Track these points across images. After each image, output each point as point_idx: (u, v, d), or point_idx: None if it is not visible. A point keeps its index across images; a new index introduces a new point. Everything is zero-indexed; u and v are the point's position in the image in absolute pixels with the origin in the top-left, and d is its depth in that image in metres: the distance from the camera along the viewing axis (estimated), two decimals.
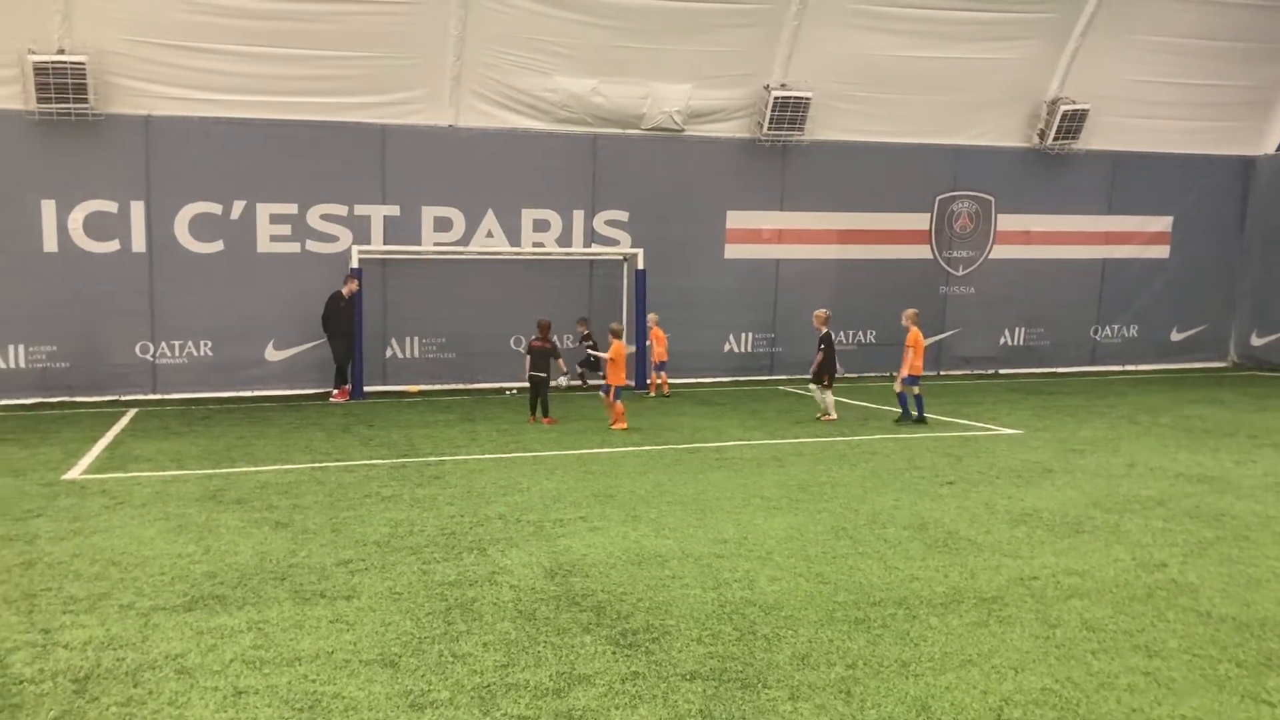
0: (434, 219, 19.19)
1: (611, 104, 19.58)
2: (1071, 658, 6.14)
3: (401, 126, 18.72)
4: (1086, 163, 22.69)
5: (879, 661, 6.03)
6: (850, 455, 12.79)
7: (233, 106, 17.76)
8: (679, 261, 20.22)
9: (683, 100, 19.93)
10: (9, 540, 8.58)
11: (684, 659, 6.02)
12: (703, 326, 20.81)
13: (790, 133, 20.33)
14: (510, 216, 19.57)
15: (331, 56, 17.86)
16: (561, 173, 19.75)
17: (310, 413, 16.59)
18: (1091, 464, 12.35)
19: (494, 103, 19.09)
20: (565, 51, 18.85)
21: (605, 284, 20.33)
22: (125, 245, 17.67)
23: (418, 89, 18.59)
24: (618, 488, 10.76)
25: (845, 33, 19.84)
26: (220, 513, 9.61)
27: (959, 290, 22.69)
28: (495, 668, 5.87)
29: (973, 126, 21.92)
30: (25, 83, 16.53)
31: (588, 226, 20.12)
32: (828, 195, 21.33)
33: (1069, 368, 23.54)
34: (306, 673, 5.78)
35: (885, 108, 20.98)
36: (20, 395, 17.36)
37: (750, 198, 20.97)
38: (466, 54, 18.37)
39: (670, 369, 19.60)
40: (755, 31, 19.51)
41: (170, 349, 18.12)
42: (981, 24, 20.48)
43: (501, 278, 19.55)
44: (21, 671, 5.77)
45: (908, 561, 8.07)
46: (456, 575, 7.63)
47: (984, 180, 22.41)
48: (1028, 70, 21.43)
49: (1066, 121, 21.72)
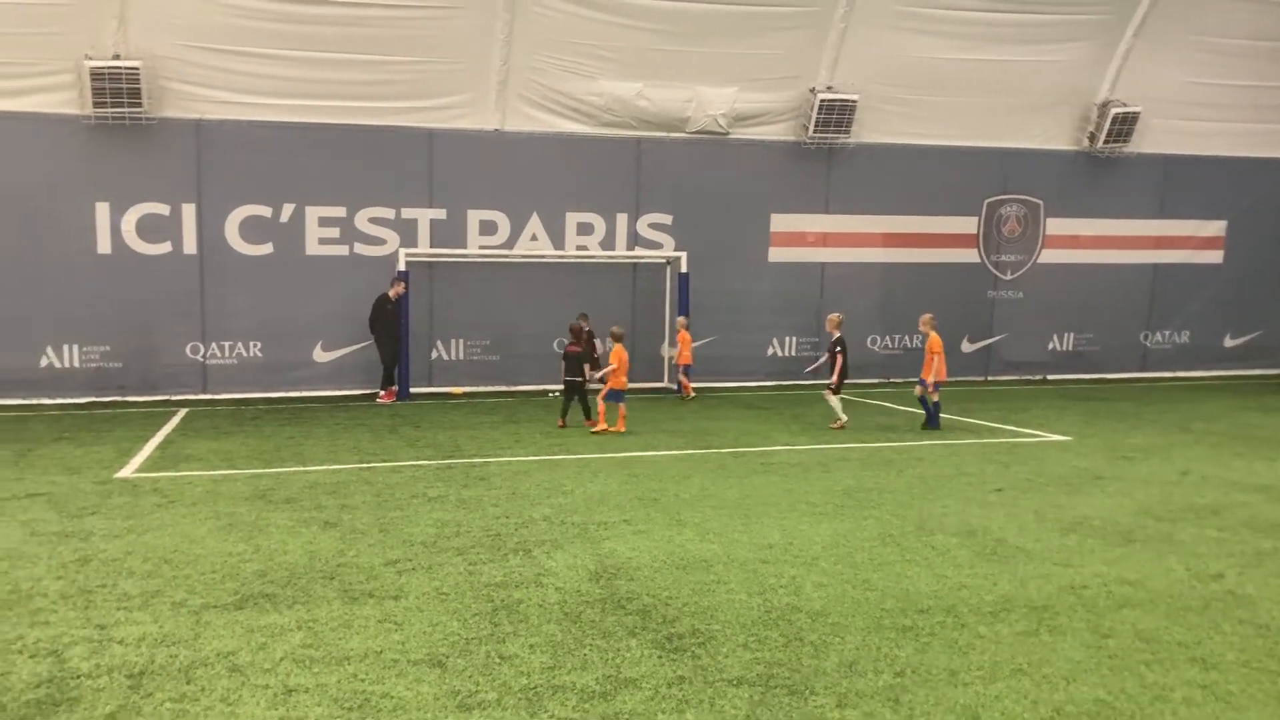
0: (479, 222, 19.32)
1: (656, 107, 19.60)
2: (1125, 669, 6.04)
3: (448, 130, 18.86)
4: (1138, 166, 22.39)
5: (927, 670, 5.97)
6: (897, 461, 12.69)
7: (282, 110, 17.99)
8: (722, 265, 20.20)
9: (728, 103, 19.90)
10: (65, 537, 8.74)
11: (730, 664, 6.00)
12: (746, 330, 20.78)
13: (836, 135, 20.25)
14: (554, 220, 19.65)
15: (380, 61, 18.04)
16: (605, 176, 19.81)
17: (357, 413, 16.75)
18: (1143, 471, 12.16)
19: (539, 106, 19.17)
20: (610, 55, 18.90)
21: (648, 287, 20.35)
22: (177, 247, 17.95)
23: (464, 93, 18.72)
24: (662, 491, 10.76)
25: (893, 35, 19.72)
26: (270, 512, 9.71)
27: (1007, 295, 22.47)
28: (542, 669, 5.89)
29: (1022, 129, 21.70)
30: (82, 88, 16.86)
31: (631, 230, 20.16)
32: (874, 198, 21.21)
33: (1119, 374, 23.23)
34: (355, 672, 5.82)
35: (933, 110, 20.82)
36: (74, 394, 17.69)
37: (795, 201, 20.89)
38: (512, 58, 18.47)
39: (714, 373, 19.60)
40: (802, 34, 19.45)
41: (220, 350, 18.38)
42: (1031, 26, 20.28)
43: (545, 281, 19.63)
44: (79, 666, 5.87)
45: (956, 569, 7.98)
46: (502, 576, 7.65)
47: (1033, 184, 22.17)
48: (1078, 72, 21.18)
49: (1117, 124, 21.45)
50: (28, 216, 17.15)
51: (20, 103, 16.92)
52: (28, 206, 17.12)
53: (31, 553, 8.23)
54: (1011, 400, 19.06)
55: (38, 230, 17.21)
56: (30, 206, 17.13)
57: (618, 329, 15.64)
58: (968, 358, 22.42)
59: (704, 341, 20.27)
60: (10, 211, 17.07)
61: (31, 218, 17.16)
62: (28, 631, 6.42)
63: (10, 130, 16.95)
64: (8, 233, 17.11)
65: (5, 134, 16.94)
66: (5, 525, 9.16)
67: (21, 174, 17.06)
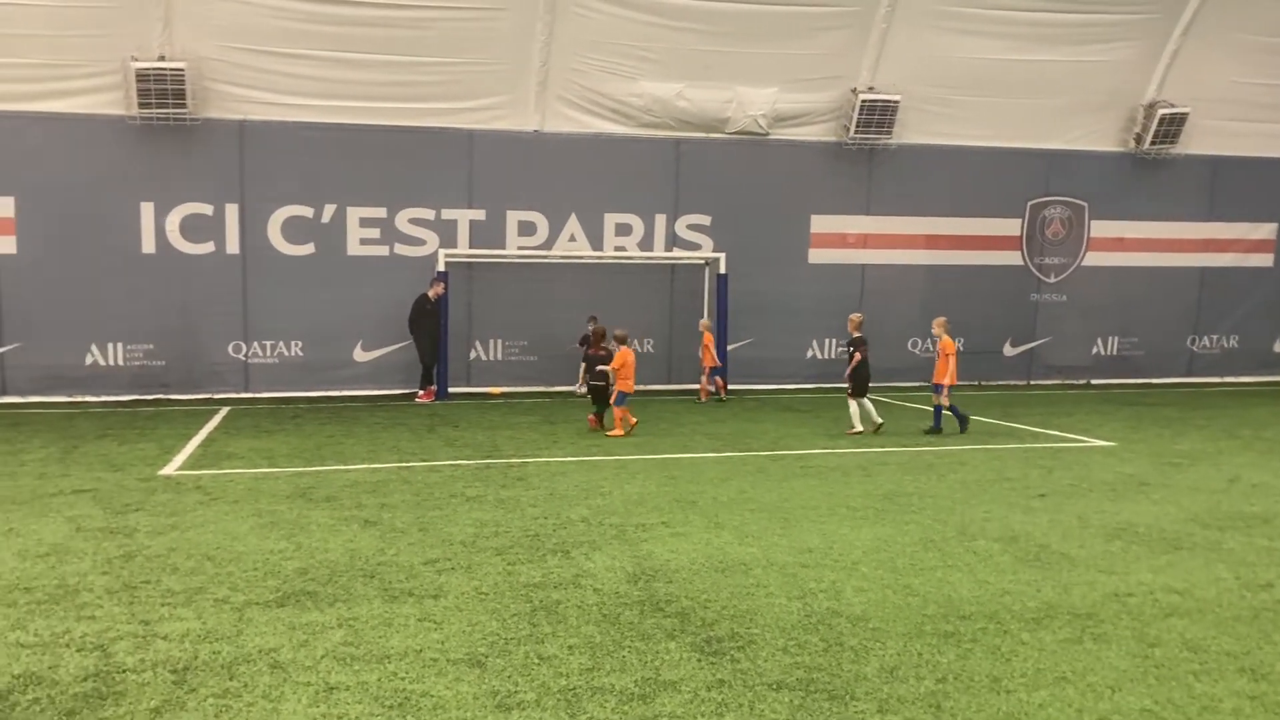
0: (518, 223, 19.38)
1: (696, 108, 19.56)
2: (1172, 678, 5.93)
3: (488, 131, 18.93)
4: (1185, 168, 22.06)
5: (969, 676, 5.90)
6: (938, 465, 12.57)
7: (324, 112, 18.14)
8: (762, 266, 20.12)
9: (768, 104, 19.83)
10: (110, 533, 8.85)
11: (770, 668, 5.95)
12: (785, 332, 20.69)
13: (878, 136, 20.11)
14: (593, 220, 19.67)
15: (421, 63, 18.14)
16: (644, 177, 19.79)
17: (396, 413, 16.85)
18: (1190, 478, 11.96)
19: (579, 107, 19.20)
20: (650, 56, 18.89)
21: (686, 288, 20.31)
22: (220, 247, 18.15)
23: (504, 95, 18.79)
24: (700, 494, 10.72)
25: (935, 35, 19.56)
26: (310, 510, 9.78)
27: (1050, 298, 22.21)
28: (580, 671, 5.87)
29: (1066, 130, 21.45)
30: (128, 89, 17.08)
31: (669, 230, 20.13)
32: (915, 200, 21.06)
33: (1164, 378, 22.90)
34: (396, 670, 5.84)
35: (976, 111, 20.63)
36: (118, 392, 17.94)
37: (835, 202, 20.78)
38: (552, 59, 18.51)
39: (753, 375, 19.54)
40: (843, 34, 19.34)
41: (262, 349, 18.56)
42: (1077, 26, 20.04)
43: (583, 281, 19.64)
44: (124, 660, 5.93)
45: (998, 575, 7.89)
46: (541, 577, 7.65)
47: (1077, 185, 21.91)
48: (1124, 73, 20.89)
49: (1165, 125, 21.15)
50: (74, 216, 17.41)
51: (68, 104, 17.19)
52: (74, 206, 17.39)
53: (78, 548, 8.34)
54: (1055, 405, 18.85)
55: (84, 230, 17.47)
56: (77, 206, 17.40)
57: (621, 331, 15.51)
58: (1010, 361, 22.20)
59: (742, 344, 20.23)
60: (57, 211, 17.34)
61: (78, 217, 17.43)
62: (75, 626, 6.50)
63: (58, 131, 17.22)
64: (55, 232, 17.38)
65: (53, 134, 17.21)
66: (52, 521, 9.29)
67: (68, 174, 17.33)
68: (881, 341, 19.92)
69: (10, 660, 5.92)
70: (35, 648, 6.12)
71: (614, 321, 17.91)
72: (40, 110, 17.10)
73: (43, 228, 17.36)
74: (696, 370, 20.31)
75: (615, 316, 18.79)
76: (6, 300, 17.46)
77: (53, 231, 17.39)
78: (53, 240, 17.40)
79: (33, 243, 17.36)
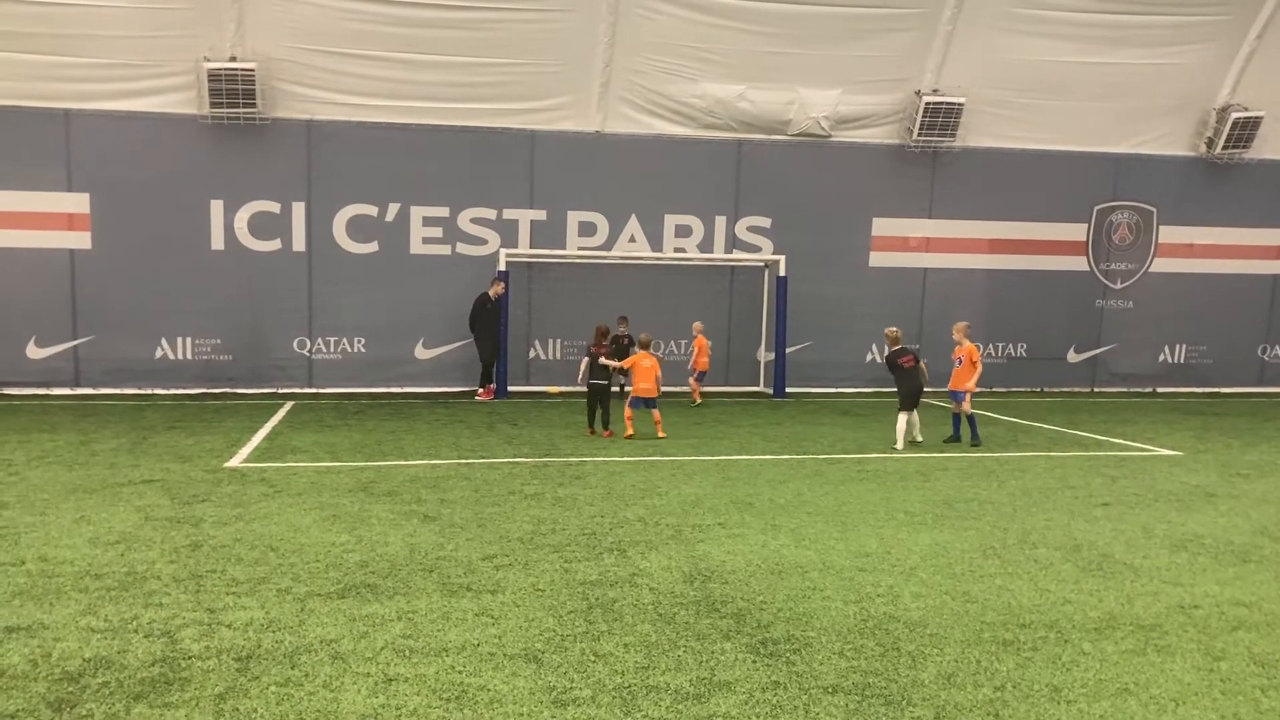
0: (579, 223, 19.47)
1: (758, 109, 19.51)
2: (1238, 693, 5.81)
3: (550, 132, 19.05)
4: (1259, 173, 21.56)
5: (1029, 685, 5.82)
6: (999, 472, 12.42)
7: (389, 112, 18.38)
8: (822, 269, 20.01)
9: (831, 106, 19.71)
10: (178, 523, 9.05)
11: (826, 672, 5.93)
12: (845, 335, 20.56)
13: (941, 139, 19.91)
14: (653, 221, 19.70)
15: (485, 64, 18.31)
16: (705, 178, 19.78)
17: (456, 410, 17.01)
18: (1259, 489, 11.69)
19: (641, 109, 19.24)
20: (713, 57, 18.88)
21: (745, 290, 20.28)
22: (286, 245, 18.46)
23: (567, 95, 18.89)
24: (756, 496, 10.70)
25: (1001, 37, 19.32)
26: (372, 504, 9.92)
27: (1116, 304, 21.83)
28: (636, 669, 5.90)
29: (1135, 134, 21.07)
30: (200, 88, 17.45)
31: (729, 232, 20.10)
32: (979, 204, 20.81)
33: (1233, 388, 22.41)
34: (454, 663, 5.91)
35: (1042, 114, 20.35)
36: (187, 385, 18.34)
37: (898, 205, 20.61)
38: (615, 60, 18.57)
39: (811, 378, 19.43)
40: (908, 36, 19.17)
41: (326, 345, 18.85)
42: (1147, 28, 19.68)
43: (642, 282, 19.68)
44: (190, 647, 6.07)
45: (1059, 584, 7.78)
46: (597, 575, 7.69)
47: (1146, 190, 21.51)
48: (1196, 76, 20.47)
49: (1237, 129, 20.70)
50: (146, 213, 17.84)
51: (142, 103, 17.61)
52: (147, 203, 17.81)
53: (146, 537, 8.55)
54: (1119, 413, 18.51)
55: (155, 226, 17.89)
56: (149, 203, 17.82)
57: (646, 336, 15.28)
58: (1074, 368, 21.85)
59: (800, 346, 20.14)
60: (131, 208, 17.78)
61: (150, 214, 17.85)
62: (142, 612, 6.67)
63: (132, 130, 17.65)
64: (128, 228, 17.82)
65: (128, 133, 17.65)
66: (123, 510, 9.53)
67: (142, 171, 17.76)
68: (941, 346, 19.68)
69: (81, 644, 6.08)
70: (105, 633, 6.29)
71: (668, 322, 17.98)
72: (115, 109, 17.55)
73: (116, 224, 17.81)
74: (755, 373, 20.31)
75: (674, 317, 18.91)
76: (81, 294, 17.93)
77: (125, 228, 17.83)
78: (125, 236, 17.84)
79: (106, 239, 17.82)
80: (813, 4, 18.49)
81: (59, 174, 17.60)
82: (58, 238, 17.78)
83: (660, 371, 14.88)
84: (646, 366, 14.60)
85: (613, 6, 17.88)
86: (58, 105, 17.40)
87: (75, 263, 17.86)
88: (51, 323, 17.93)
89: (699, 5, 18.30)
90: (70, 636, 6.21)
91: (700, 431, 15.11)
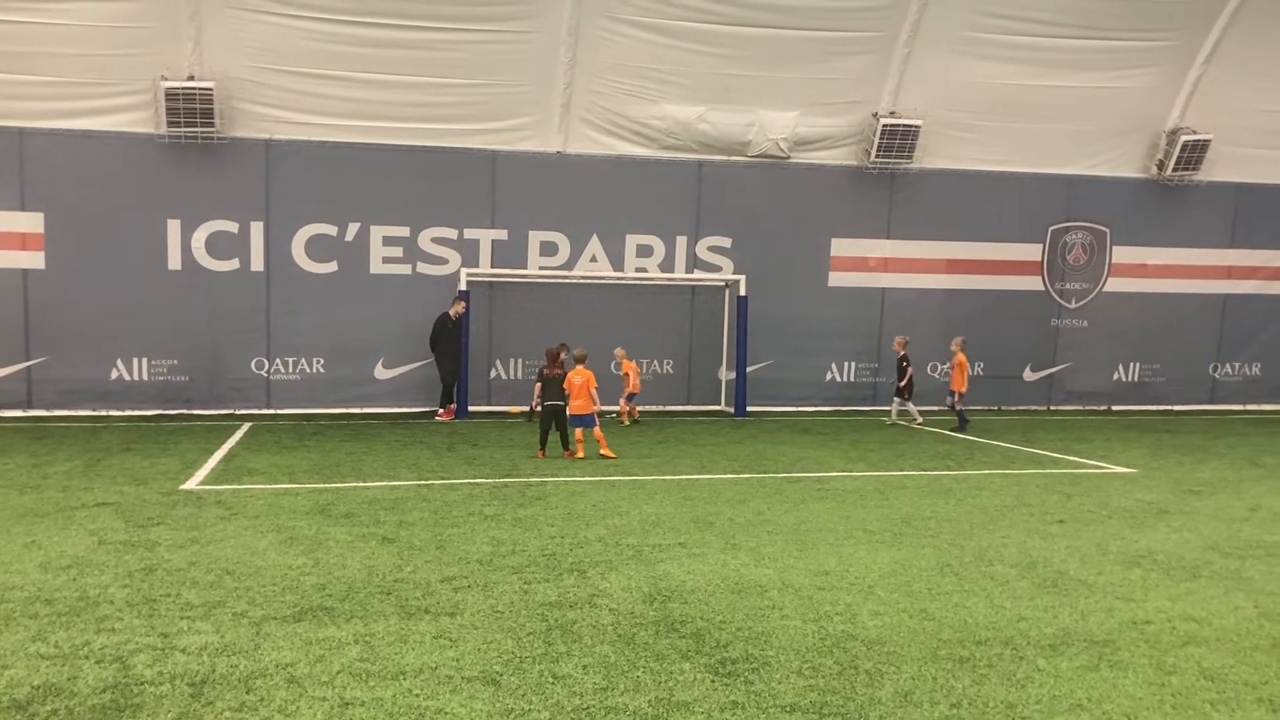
0: (540, 243, 19.50)
1: (717, 131, 19.66)
2: (1189, 707, 5.90)
3: (511, 152, 19.09)
4: (1208, 194, 22.00)
5: (984, 702, 5.88)
6: (956, 490, 12.53)
7: (349, 131, 18.34)
8: (782, 289, 20.15)
9: (789, 127, 19.90)
10: (132, 546, 8.93)
11: (784, 690, 5.95)
12: (805, 354, 20.71)
13: (898, 161, 20.16)
14: (614, 241, 19.77)
15: (445, 84, 18.33)
16: (666, 199, 19.89)
17: (416, 430, 16.93)
18: (1210, 506, 11.88)
19: (602, 129, 19.33)
20: (673, 79, 19.02)
21: (706, 310, 20.38)
22: (244, 264, 18.33)
23: (528, 116, 18.95)
24: (717, 515, 10.73)
25: (957, 60, 19.62)
26: (329, 526, 9.84)
27: (1071, 323, 22.14)
28: (594, 690, 5.89)
29: (1088, 156, 21.44)
30: (157, 107, 17.33)
31: (690, 252, 20.20)
32: (936, 224, 21.06)
33: (1186, 406, 22.77)
34: (411, 687, 5.87)
35: (997, 136, 20.66)
36: (142, 406, 18.12)
37: (856, 226, 20.82)
38: (576, 81, 18.66)
39: (771, 397, 19.53)
40: (865, 59, 19.42)
41: (284, 365, 18.71)
42: (1098, 52, 20.06)
43: (604, 302, 19.71)
44: (143, 673, 5.99)
45: (1015, 601, 7.86)
46: (557, 596, 7.68)
47: (1099, 211, 21.88)
48: (1146, 99, 20.88)
49: (1187, 152, 21.10)
50: (102, 232, 17.66)
51: (98, 121, 17.46)
52: (102, 222, 17.63)
53: (99, 561, 8.43)
54: (1075, 430, 18.76)
55: (111, 246, 17.71)
56: (104, 222, 17.65)
57: (580, 351, 14.93)
58: (1031, 386, 22.12)
59: (761, 365, 20.24)
60: (86, 227, 17.59)
61: (105, 233, 17.68)
62: (94, 638, 6.57)
63: (87, 148, 17.48)
64: (84, 248, 17.63)
65: (83, 151, 17.48)
66: (75, 533, 9.38)
67: (98, 190, 17.58)
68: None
69: (30, 671, 5.98)
70: (55, 659, 6.19)
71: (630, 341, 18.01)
72: (71, 128, 17.37)
73: (71, 244, 17.61)
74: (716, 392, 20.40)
75: (636, 337, 18.95)
76: (34, 314, 17.69)
77: (80, 247, 17.63)
78: (80, 256, 17.64)
79: (61, 258, 17.61)
80: (771, 27, 18.68)
81: (12, 193, 17.39)
82: (11, 257, 17.55)
83: (595, 384, 14.37)
84: (578, 384, 14.18)
85: (573, 28, 17.98)
86: (11, 124, 17.21)
87: (29, 282, 17.63)
88: (4, 343, 17.68)
89: (659, 27, 18.44)
90: (19, 663, 6.10)
91: (662, 451, 15.13)
